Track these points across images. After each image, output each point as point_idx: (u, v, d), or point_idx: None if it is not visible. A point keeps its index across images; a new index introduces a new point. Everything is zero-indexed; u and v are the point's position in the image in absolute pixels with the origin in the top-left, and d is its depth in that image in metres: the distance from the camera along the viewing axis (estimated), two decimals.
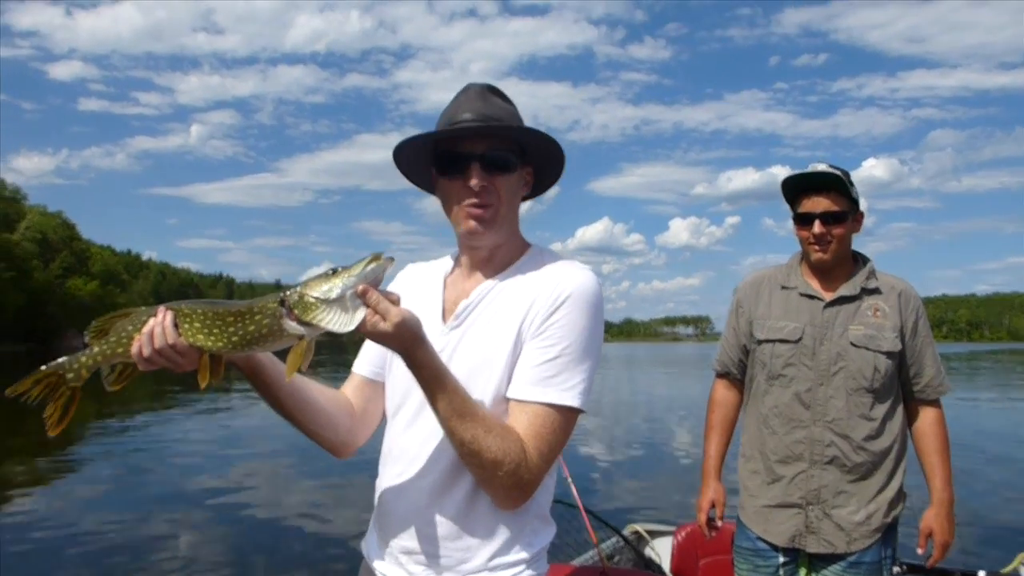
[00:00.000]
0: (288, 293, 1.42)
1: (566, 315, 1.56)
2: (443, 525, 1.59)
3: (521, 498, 1.55)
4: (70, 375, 1.50)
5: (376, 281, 1.39)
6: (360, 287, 1.36)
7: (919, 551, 2.81)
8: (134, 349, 1.45)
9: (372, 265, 1.37)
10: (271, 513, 8.58)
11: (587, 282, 1.60)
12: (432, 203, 1.75)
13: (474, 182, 1.60)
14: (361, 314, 1.37)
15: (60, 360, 1.51)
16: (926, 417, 2.83)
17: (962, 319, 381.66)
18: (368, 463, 1.78)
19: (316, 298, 1.38)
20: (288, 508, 8.80)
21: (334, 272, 1.39)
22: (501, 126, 1.64)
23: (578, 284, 1.59)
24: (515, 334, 1.58)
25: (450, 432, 1.47)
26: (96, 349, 1.50)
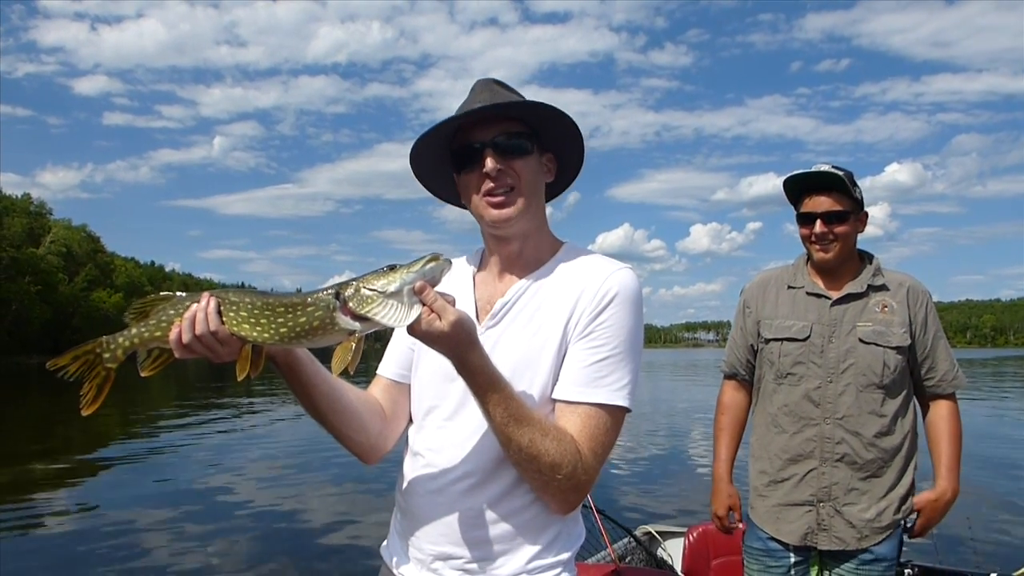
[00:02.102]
0: (345, 285, 1.38)
1: (613, 315, 1.53)
2: (481, 528, 1.54)
3: (577, 501, 1.53)
4: (106, 355, 1.47)
5: (434, 281, 1.36)
6: (418, 284, 1.34)
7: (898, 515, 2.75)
8: (173, 334, 1.41)
9: (431, 264, 1.35)
10: (291, 520, 8.62)
11: (631, 281, 1.57)
12: (452, 211, 1.66)
13: (489, 165, 1.56)
14: (417, 311, 1.34)
15: (99, 338, 1.48)
16: (940, 409, 2.82)
17: (987, 324, 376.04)
18: (382, 468, 1.77)
19: (374, 291, 1.35)
20: (308, 515, 8.84)
21: (392, 268, 1.36)
22: (507, 103, 1.59)
23: (623, 283, 1.56)
24: (560, 334, 1.55)
25: (507, 438, 1.42)
26: (134, 331, 1.46)
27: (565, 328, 1.55)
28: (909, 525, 2.80)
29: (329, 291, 1.39)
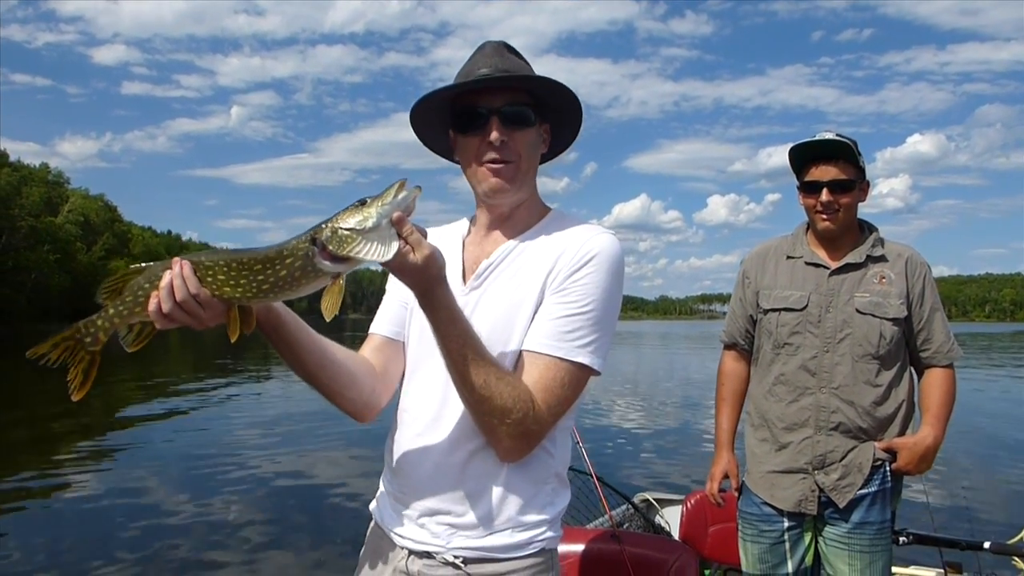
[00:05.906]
0: (319, 229, 1.32)
1: (590, 274, 1.55)
2: (467, 485, 1.56)
3: (524, 449, 1.53)
4: (87, 339, 1.43)
5: (408, 209, 1.32)
6: (395, 215, 1.30)
7: (877, 447, 2.73)
8: (151, 306, 1.37)
9: (403, 193, 1.31)
10: (289, 482, 8.84)
11: (613, 245, 1.59)
12: (467, 182, 1.70)
13: (494, 136, 1.58)
14: (397, 244, 1.30)
15: (77, 323, 1.44)
16: (935, 375, 2.82)
17: (1006, 298, 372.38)
18: (372, 426, 1.77)
19: (351, 229, 1.30)
20: (312, 477, 9.07)
21: (363, 203, 1.31)
22: (522, 76, 1.61)
23: (604, 246, 1.58)
24: (537, 291, 1.56)
25: (460, 377, 1.43)
26: (112, 311, 1.42)
27: (543, 285, 1.57)
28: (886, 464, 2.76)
29: (304, 238, 1.34)
